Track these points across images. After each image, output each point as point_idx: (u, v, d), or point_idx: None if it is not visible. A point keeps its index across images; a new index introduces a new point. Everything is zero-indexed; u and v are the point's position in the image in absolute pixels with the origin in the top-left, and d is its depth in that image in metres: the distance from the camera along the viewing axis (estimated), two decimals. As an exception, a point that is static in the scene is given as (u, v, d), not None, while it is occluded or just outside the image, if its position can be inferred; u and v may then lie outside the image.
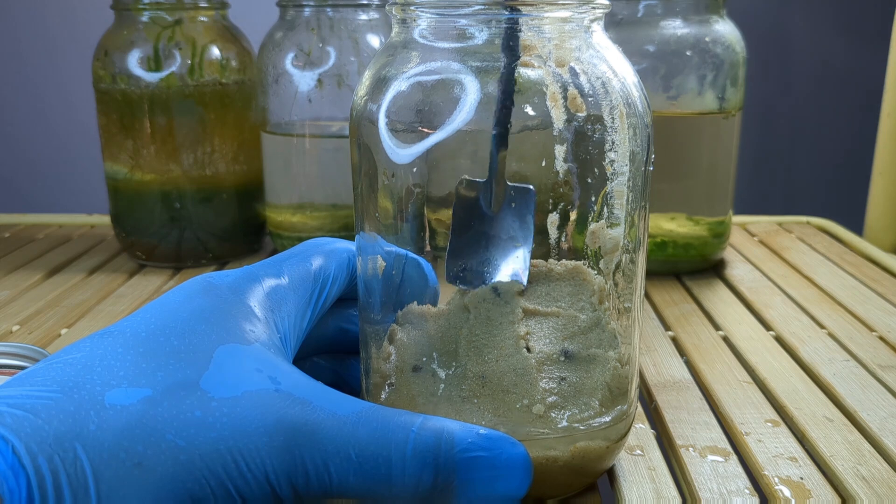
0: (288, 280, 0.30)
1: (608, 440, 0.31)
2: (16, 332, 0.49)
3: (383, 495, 0.24)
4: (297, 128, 0.59)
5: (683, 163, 0.56)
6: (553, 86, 0.29)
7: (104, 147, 0.62)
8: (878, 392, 0.40)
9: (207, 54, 0.60)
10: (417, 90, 0.29)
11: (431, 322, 0.31)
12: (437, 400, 0.30)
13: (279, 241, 0.63)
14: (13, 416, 0.21)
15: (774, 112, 1.01)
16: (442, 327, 0.31)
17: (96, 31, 0.62)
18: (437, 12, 0.29)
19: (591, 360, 0.31)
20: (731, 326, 0.49)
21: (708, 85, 0.55)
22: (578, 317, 0.31)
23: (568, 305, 0.32)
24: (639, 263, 0.32)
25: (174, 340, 0.25)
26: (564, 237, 0.31)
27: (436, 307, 0.32)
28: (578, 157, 0.29)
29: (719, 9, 0.56)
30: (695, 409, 0.39)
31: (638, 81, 0.31)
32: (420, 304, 0.32)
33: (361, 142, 0.30)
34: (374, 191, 0.30)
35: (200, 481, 0.22)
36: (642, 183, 0.31)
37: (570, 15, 0.29)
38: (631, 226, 0.31)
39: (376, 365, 0.32)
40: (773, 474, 0.33)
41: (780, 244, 0.67)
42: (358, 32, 0.59)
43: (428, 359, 0.30)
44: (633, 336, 0.32)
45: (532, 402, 0.29)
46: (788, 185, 1.03)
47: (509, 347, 0.30)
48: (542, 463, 0.29)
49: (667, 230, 0.58)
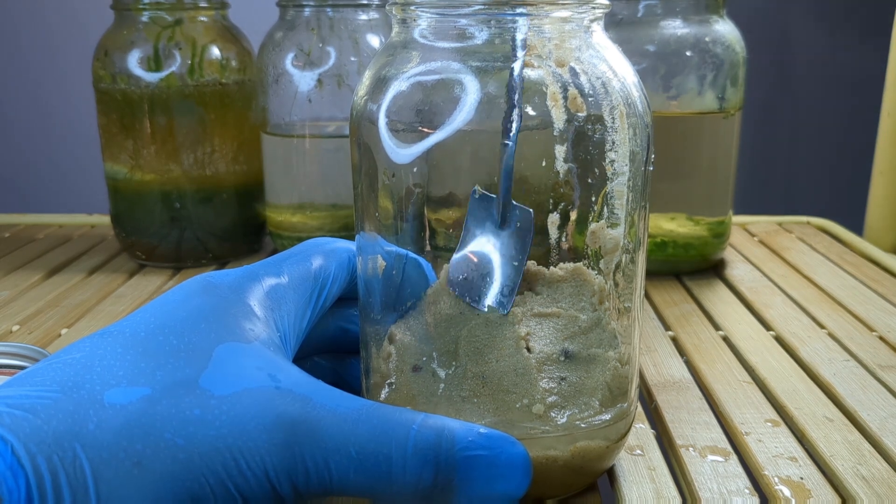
0: (288, 279, 0.30)
1: (608, 440, 0.31)
2: (16, 332, 0.49)
3: (383, 493, 0.24)
4: (297, 128, 0.59)
5: (683, 163, 0.56)
6: (553, 86, 0.29)
7: (104, 147, 0.62)
8: (878, 392, 0.40)
9: (207, 54, 0.60)
10: (417, 90, 0.29)
11: (432, 322, 0.31)
12: (437, 400, 0.30)
13: (279, 241, 0.63)
14: (12, 417, 0.21)
15: (774, 112, 1.01)
16: (442, 327, 0.31)
17: (96, 31, 0.62)
18: (438, 12, 0.29)
19: (591, 359, 0.31)
20: (731, 326, 0.49)
21: (708, 85, 0.55)
22: (578, 317, 0.31)
23: (568, 305, 0.31)
24: (639, 263, 0.32)
25: (173, 339, 0.25)
26: (565, 237, 0.31)
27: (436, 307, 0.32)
28: (578, 157, 0.29)
29: (719, 9, 0.56)
30: (695, 409, 0.39)
31: (638, 81, 0.31)
32: (420, 304, 0.32)
33: (361, 142, 0.30)
34: (375, 191, 0.30)
35: (200, 480, 0.22)
36: (642, 183, 0.31)
37: (569, 15, 0.29)
38: (631, 226, 0.31)
39: (376, 365, 0.32)
40: (773, 474, 0.33)
41: (780, 244, 0.67)
42: (358, 32, 0.59)
43: (428, 359, 0.30)
44: (633, 336, 0.32)
45: (532, 401, 0.29)
46: (788, 185, 1.03)
47: (509, 347, 0.30)
48: (542, 462, 0.29)
49: (667, 230, 0.58)
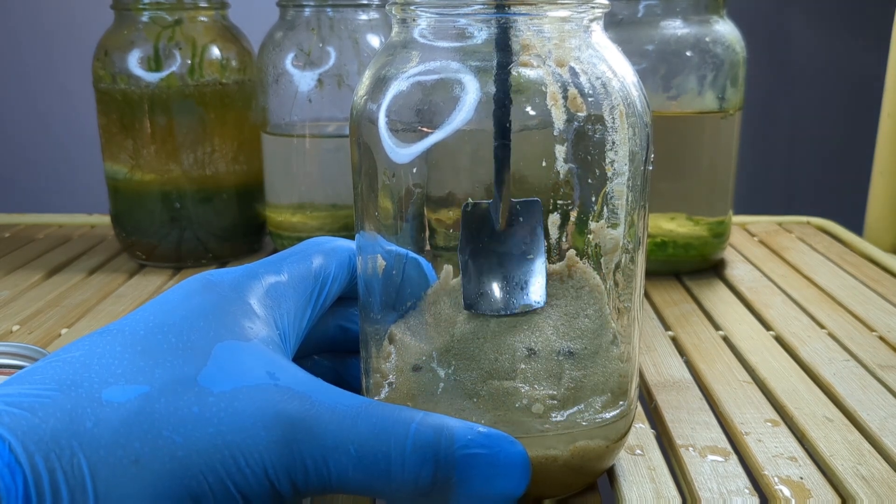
0: (288, 278, 0.30)
1: (608, 439, 0.31)
2: (16, 332, 0.49)
3: (382, 491, 0.24)
4: (297, 128, 0.59)
5: (683, 163, 0.56)
6: (553, 86, 0.29)
7: (104, 147, 0.62)
8: (878, 392, 0.40)
9: (207, 54, 0.60)
10: (417, 90, 0.29)
11: (432, 322, 0.31)
12: (437, 399, 0.30)
13: (279, 241, 0.63)
14: (11, 415, 0.21)
15: (774, 112, 1.01)
16: (442, 327, 0.31)
17: (96, 31, 0.62)
18: (437, 12, 0.29)
19: (590, 359, 0.30)
20: (731, 326, 0.49)
21: (708, 85, 0.55)
22: (578, 316, 0.31)
23: (568, 305, 0.31)
24: (638, 263, 0.32)
25: (172, 338, 0.25)
26: (565, 237, 0.31)
27: (436, 307, 0.31)
28: (578, 158, 0.29)
29: (719, 9, 0.56)
30: (695, 409, 0.39)
31: (637, 81, 0.31)
32: (420, 304, 0.32)
33: (361, 141, 0.30)
34: (375, 190, 0.30)
35: (198, 478, 0.22)
36: (642, 183, 0.31)
37: (569, 14, 0.29)
38: (630, 225, 0.31)
39: (376, 364, 0.32)
40: (773, 474, 0.33)
41: (780, 244, 0.67)
42: (358, 32, 0.59)
43: (428, 358, 0.30)
44: (633, 335, 0.32)
45: (532, 401, 0.29)
46: (788, 185, 1.03)
47: (509, 347, 0.30)
48: (542, 462, 0.29)
49: (667, 230, 0.58)
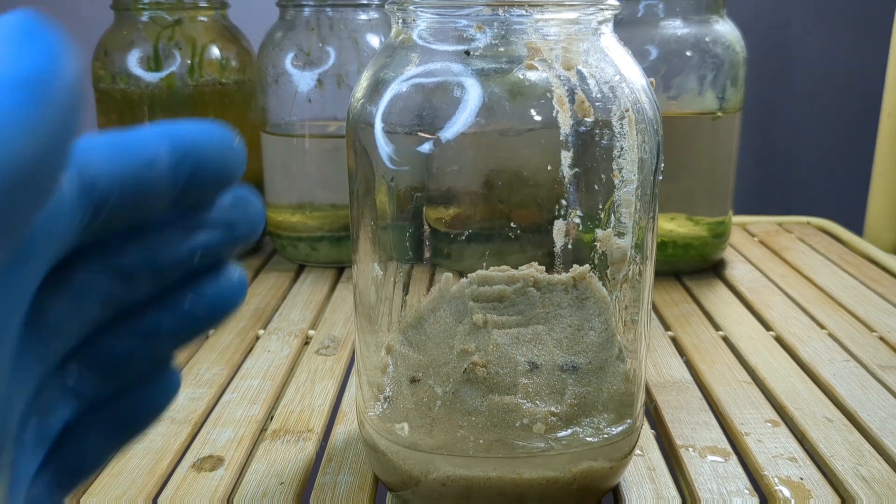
0: None
1: (612, 459, 0.30)
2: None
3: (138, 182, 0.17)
4: (297, 128, 0.59)
5: (683, 163, 0.56)
6: (560, 90, 0.28)
7: (104, 147, 0.61)
8: (878, 392, 0.40)
9: (207, 54, 0.60)
10: (416, 93, 0.29)
11: (430, 334, 0.30)
12: (434, 415, 0.29)
13: (279, 241, 0.63)
14: None
15: (774, 112, 1.01)
16: (440, 339, 0.30)
17: (96, 31, 0.62)
18: (437, 13, 0.28)
19: (595, 374, 0.29)
20: (731, 326, 0.49)
21: (708, 85, 0.55)
22: (583, 329, 0.30)
23: (572, 316, 0.30)
24: (646, 276, 0.31)
25: None
26: (570, 245, 0.30)
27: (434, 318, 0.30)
28: (585, 164, 0.28)
29: (719, 9, 0.56)
30: (695, 410, 0.39)
31: (647, 86, 0.30)
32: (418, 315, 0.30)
33: (358, 145, 0.30)
34: (371, 195, 0.30)
35: None
36: (651, 192, 0.29)
37: (577, 16, 0.28)
38: (639, 237, 0.29)
39: (373, 377, 0.31)
40: (772, 474, 0.33)
41: (780, 244, 0.67)
42: (358, 32, 0.58)
43: (425, 372, 0.29)
44: (640, 350, 0.31)
45: (533, 420, 0.28)
46: (788, 185, 1.03)
47: (510, 362, 0.29)
48: (543, 484, 0.28)
49: (667, 230, 0.58)
